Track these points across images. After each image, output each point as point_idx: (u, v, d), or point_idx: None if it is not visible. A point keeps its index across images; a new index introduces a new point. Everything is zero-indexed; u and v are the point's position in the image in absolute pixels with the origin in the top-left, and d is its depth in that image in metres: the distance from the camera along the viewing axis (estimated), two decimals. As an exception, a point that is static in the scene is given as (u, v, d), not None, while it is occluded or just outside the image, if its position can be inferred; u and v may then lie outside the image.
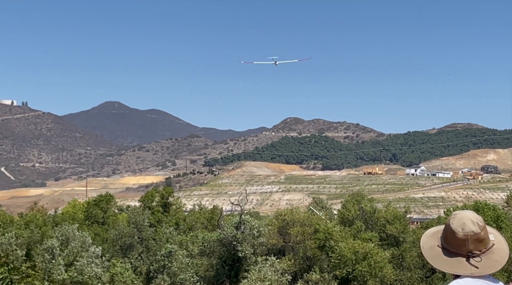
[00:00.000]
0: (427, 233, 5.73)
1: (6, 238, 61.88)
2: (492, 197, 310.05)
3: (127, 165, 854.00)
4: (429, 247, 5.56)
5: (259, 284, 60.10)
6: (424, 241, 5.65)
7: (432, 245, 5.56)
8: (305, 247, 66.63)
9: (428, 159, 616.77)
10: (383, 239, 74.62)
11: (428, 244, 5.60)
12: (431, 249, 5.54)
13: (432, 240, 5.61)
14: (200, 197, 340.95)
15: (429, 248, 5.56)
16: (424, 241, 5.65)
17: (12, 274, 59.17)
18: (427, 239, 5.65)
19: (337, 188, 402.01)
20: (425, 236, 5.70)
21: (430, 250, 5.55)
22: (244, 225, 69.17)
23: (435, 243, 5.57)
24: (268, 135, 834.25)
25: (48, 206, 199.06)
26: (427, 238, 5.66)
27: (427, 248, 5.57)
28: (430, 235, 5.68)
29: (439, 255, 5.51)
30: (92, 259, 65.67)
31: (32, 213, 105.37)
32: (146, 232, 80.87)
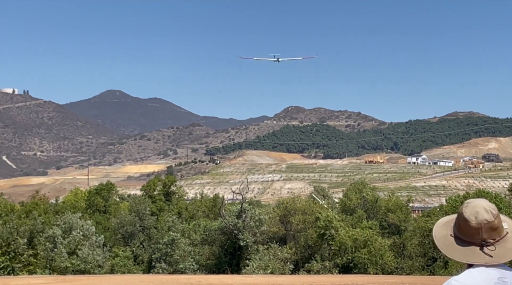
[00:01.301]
0: (439, 223, 5.61)
1: (8, 227, 62.00)
2: (494, 185, 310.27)
3: (128, 154, 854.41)
4: (442, 237, 5.45)
5: (261, 272, 60.22)
6: (436, 231, 5.53)
7: (445, 235, 5.45)
8: (306, 235, 66.73)
9: (430, 148, 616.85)
10: (384, 227, 74.78)
11: (441, 233, 5.48)
12: (443, 238, 5.43)
13: (444, 229, 5.49)
14: (201, 186, 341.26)
15: (442, 238, 5.44)
16: (437, 230, 5.53)
17: (13, 263, 59.31)
18: (439, 228, 5.54)
19: (339, 176, 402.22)
20: (437, 225, 5.58)
21: (443, 239, 5.43)
22: (245, 214, 69.27)
23: (447, 232, 5.46)
24: (270, 124, 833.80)
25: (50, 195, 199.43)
26: (439, 227, 5.55)
27: (440, 238, 5.46)
28: (443, 225, 5.56)
29: (452, 244, 5.38)
30: (94, 247, 65.84)
31: (34, 201, 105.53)
32: (147, 220, 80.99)
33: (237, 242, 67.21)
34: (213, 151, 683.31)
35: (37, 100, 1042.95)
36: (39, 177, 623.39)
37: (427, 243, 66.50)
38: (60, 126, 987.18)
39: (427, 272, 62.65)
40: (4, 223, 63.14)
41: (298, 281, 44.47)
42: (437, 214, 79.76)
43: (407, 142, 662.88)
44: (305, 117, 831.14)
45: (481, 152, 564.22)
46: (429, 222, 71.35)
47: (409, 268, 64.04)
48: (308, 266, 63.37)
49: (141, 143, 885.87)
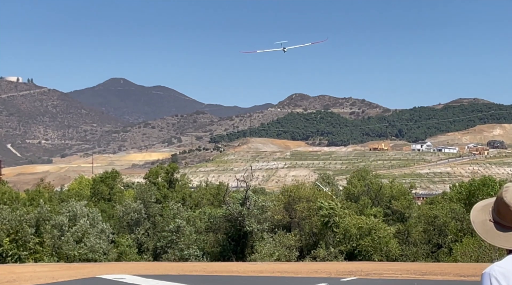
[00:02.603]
0: (476, 207, 5.45)
1: (16, 214, 62.28)
2: (498, 172, 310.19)
3: (133, 142, 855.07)
4: (480, 222, 5.30)
5: (267, 259, 60.48)
6: (474, 215, 5.37)
7: (483, 220, 5.30)
8: (311, 223, 66.94)
9: (434, 134, 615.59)
10: (388, 214, 74.97)
11: (479, 218, 5.33)
12: (482, 223, 5.28)
13: (482, 214, 5.35)
14: (206, 174, 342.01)
15: (481, 223, 5.29)
16: (474, 215, 5.37)
17: (20, 251, 59.65)
18: (477, 213, 5.39)
19: (343, 164, 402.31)
20: (474, 210, 5.43)
21: (481, 224, 5.28)
22: (249, 201, 69.47)
23: (486, 217, 5.30)
24: (274, 112, 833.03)
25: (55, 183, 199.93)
26: (477, 212, 5.40)
27: (478, 223, 5.31)
28: (480, 209, 5.41)
29: (492, 229, 5.20)
30: (100, 235, 66.14)
31: (39, 189, 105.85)
32: (153, 208, 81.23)
33: (242, 229, 67.42)
34: (217, 139, 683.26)
35: (41, 89, 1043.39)
36: (44, 165, 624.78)
37: (431, 230, 66.66)
38: (64, 115, 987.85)
39: (432, 259, 62.84)
40: (12, 211, 63.40)
41: (303, 269, 44.67)
42: (440, 200, 79.94)
43: (412, 129, 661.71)
44: (309, 105, 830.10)
45: (486, 138, 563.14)
46: (434, 209, 71.55)
47: (413, 255, 64.21)
48: (314, 253, 63.59)
49: (146, 130, 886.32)
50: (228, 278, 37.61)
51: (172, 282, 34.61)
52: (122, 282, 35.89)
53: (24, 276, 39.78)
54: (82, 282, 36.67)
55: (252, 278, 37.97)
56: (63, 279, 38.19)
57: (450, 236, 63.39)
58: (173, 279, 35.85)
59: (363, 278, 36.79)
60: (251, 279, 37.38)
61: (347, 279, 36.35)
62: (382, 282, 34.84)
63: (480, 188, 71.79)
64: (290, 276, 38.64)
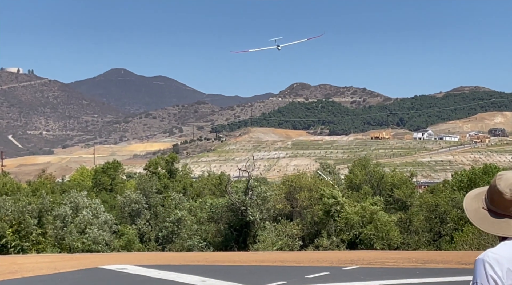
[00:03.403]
0: (469, 195, 5.52)
1: (18, 206, 62.40)
2: (500, 159, 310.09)
3: (134, 132, 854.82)
4: (474, 210, 5.38)
5: (269, 249, 60.58)
6: (467, 203, 5.45)
7: (476, 207, 5.38)
8: (313, 212, 67.02)
9: (435, 123, 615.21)
10: (389, 203, 75.00)
11: (472, 206, 5.41)
12: (475, 211, 5.36)
13: (475, 202, 5.43)
14: (207, 164, 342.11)
15: (474, 211, 5.37)
16: (467, 203, 5.45)
17: (22, 242, 59.79)
18: (470, 201, 5.46)
19: (344, 153, 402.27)
20: (467, 198, 5.50)
21: (475, 212, 5.36)
22: (252, 191, 69.53)
23: (479, 205, 5.38)
24: (275, 101, 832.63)
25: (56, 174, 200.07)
26: (470, 200, 5.47)
27: (472, 211, 5.38)
28: (473, 197, 5.49)
29: (485, 217, 5.28)
30: (103, 226, 66.30)
31: (40, 180, 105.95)
32: (154, 198, 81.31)
33: (244, 219, 67.51)
34: (218, 129, 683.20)
35: (42, 79, 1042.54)
36: (45, 156, 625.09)
37: (433, 218, 66.76)
38: (65, 105, 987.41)
39: (433, 247, 62.94)
40: (14, 202, 63.51)
41: (305, 258, 44.73)
42: (441, 189, 79.99)
43: (413, 118, 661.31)
44: (310, 94, 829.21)
45: (487, 126, 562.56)
46: (435, 197, 71.58)
47: (415, 243, 64.32)
48: (317, 242, 63.69)
49: (147, 121, 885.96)
50: (230, 268, 37.66)
51: (174, 272, 34.67)
52: (125, 272, 35.96)
53: (26, 267, 39.87)
54: (84, 273, 36.74)
55: (254, 267, 38.03)
56: (65, 269, 38.28)
57: (450, 224, 63.46)
58: (175, 269, 35.91)
59: (364, 267, 36.84)
60: (253, 268, 37.43)
61: (348, 267, 36.41)
62: (384, 270, 34.89)
63: (482, 176, 71.95)
64: (292, 265, 38.69)
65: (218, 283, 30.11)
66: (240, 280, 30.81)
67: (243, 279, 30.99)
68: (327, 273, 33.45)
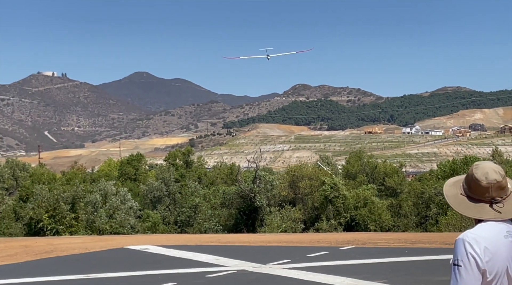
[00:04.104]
0: (448, 183, 5.57)
1: (53, 194, 62.67)
2: (479, 151, 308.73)
3: (155, 128, 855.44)
4: (453, 195, 5.43)
5: (274, 231, 60.61)
6: (446, 190, 5.50)
7: (455, 194, 5.42)
8: (313, 198, 67.00)
9: (422, 119, 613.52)
10: (382, 190, 74.97)
11: (451, 192, 5.46)
12: (454, 197, 5.41)
13: (454, 189, 5.47)
14: (220, 156, 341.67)
15: (453, 196, 5.42)
16: (447, 190, 5.50)
17: (57, 225, 60.00)
18: (449, 188, 5.51)
19: (341, 146, 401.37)
20: (446, 185, 5.55)
21: (454, 198, 5.41)
22: (259, 180, 69.62)
23: (458, 191, 5.43)
24: (279, 100, 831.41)
25: (86, 165, 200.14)
26: (448, 187, 5.52)
27: (451, 196, 5.44)
28: (452, 184, 5.53)
29: (463, 202, 5.35)
30: (129, 211, 66.53)
31: (73, 171, 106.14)
32: (172, 186, 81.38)
33: (252, 204, 67.59)
34: (229, 125, 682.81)
35: (74, 82, 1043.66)
36: (77, 149, 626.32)
37: (420, 204, 66.65)
38: (94, 105, 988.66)
39: (420, 229, 62.85)
40: (50, 190, 63.73)
41: (306, 239, 44.75)
42: (428, 177, 79.82)
43: (402, 114, 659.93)
44: (311, 94, 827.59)
45: (468, 122, 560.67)
46: (422, 185, 71.51)
47: (404, 226, 64.27)
48: (317, 225, 63.72)
49: (166, 118, 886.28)
50: (240, 248, 37.74)
51: (191, 251, 34.76)
52: (147, 251, 36.08)
53: (61, 247, 40.04)
54: (111, 252, 36.88)
55: (261, 247, 38.09)
56: (95, 249, 38.43)
57: (434, 209, 63.39)
58: (191, 249, 36.00)
59: (359, 246, 36.85)
60: (261, 248, 37.50)
61: (345, 247, 36.44)
62: (377, 250, 34.91)
63: (462, 166, 71.94)
64: (295, 245, 38.73)
65: (229, 261, 30.17)
66: (249, 258, 30.87)
67: (251, 258, 31.05)
68: (326, 252, 33.47)
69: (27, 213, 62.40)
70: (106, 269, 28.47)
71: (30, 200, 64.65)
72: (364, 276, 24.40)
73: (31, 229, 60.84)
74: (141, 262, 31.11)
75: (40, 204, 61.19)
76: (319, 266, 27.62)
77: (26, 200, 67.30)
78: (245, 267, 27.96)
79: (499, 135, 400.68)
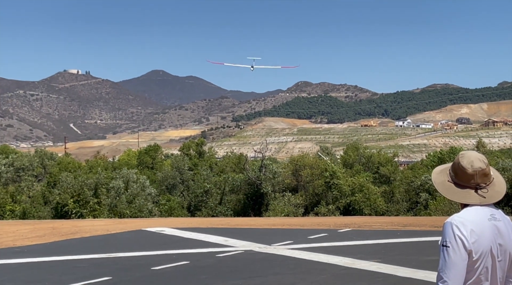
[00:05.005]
0: (436, 171, 5.60)
1: (78, 180, 62.86)
2: (465, 143, 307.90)
3: (170, 121, 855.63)
4: (441, 182, 5.45)
5: (279, 215, 60.66)
6: (435, 177, 5.53)
7: (443, 180, 5.45)
8: (314, 185, 66.96)
9: (413, 113, 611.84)
10: (376, 178, 74.83)
11: (439, 179, 5.49)
12: (442, 183, 5.43)
13: (441, 176, 5.50)
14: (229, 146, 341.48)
15: (441, 183, 5.44)
16: (435, 177, 5.53)
17: (81, 209, 60.18)
18: (436, 175, 5.54)
19: (340, 137, 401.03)
20: (434, 173, 5.57)
21: (442, 184, 5.43)
22: (265, 168, 69.62)
23: (445, 178, 5.46)
24: (283, 96, 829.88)
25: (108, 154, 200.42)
26: (436, 174, 5.55)
27: (439, 183, 5.46)
28: (439, 172, 5.56)
29: (450, 188, 5.39)
30: (147, 197, 66.70)
31: (96, 160, 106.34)
32: (186, 174, 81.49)
33: (258, 191, 67.64)
34: (238, 118, 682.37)
35: (96, 79, 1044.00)
36: (99, 140, 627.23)
37: (411, 190, 66.51)
38: (115, 100, 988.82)
39: (411, 213, 62.76)
40: (74, 178, 63.89)
41: (308, 222, 44.79)
42: (419, 166, 79.66)
43: (395, 109, 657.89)
44: (312, 90, 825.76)
45: (455, 116, 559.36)
46: (413, 173, 71.41)
47: (396, 210, 64.17)
48: (316, 210, 63.72)
49: (180, 112, 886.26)
50: (247, 230, 37.80)
51: (203, 233, 34.84)
52: (163, 233, 36.18)
53: (84, 229, 40.20)
54: (130, 233, 37.00)
55: (266, 229, 38.14)
56: (116, 231, 38.55)
57: (424, 194, 63.31)
58: (203, 231, 36.08)
59: (356, 229, 36.86)
60: (266, 230, 37.55)
61: (343, 230, 36.46)
62: (372, 232, 34.92)
63: (449, 155, 71.96)
64: (297, 228, 38.78)
65: (237, 242, 30.21)
66: (255, 239, 30.92)
67: (257, 239, 31.09)
68: (326, 234, 33.49)
69: (54, 198, 62.60)
70: (125, 249, 28.57)
71: (57, 186, 64.86)
72: (360, 255, 24.42)
73: (57, 212, 61.03)
74: (157, 243, 31.20)
75: (66, 189, 61.37)
76: (319, 247, 27.65)
77: (54, 186, 67.51)
78: (251, 248, 28.01)
79: (483, 128, 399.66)
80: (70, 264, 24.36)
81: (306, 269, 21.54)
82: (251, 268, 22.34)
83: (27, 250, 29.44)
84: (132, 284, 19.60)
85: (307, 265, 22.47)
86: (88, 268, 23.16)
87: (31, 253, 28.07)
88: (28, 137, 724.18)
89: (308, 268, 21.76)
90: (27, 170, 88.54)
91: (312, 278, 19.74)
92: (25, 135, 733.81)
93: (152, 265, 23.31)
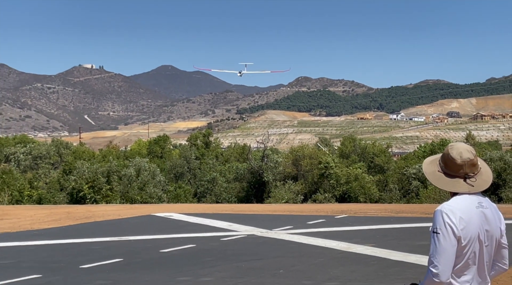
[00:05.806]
0: (426, 161, 5.58)
1: (92, 168, 62.96)
2: (455, 135, 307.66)
3: (178, 113, 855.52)
4: (431, 172, 5.46)
5: (279, 201, 60.71)
6: (426, 167, 5.53)
7: (433, 171, 5.45)
8: (313, 174, 66.99)
9: (407, 107, 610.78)
10: (371, 168, 74.82)
11: (430, 169, 5.49)
12: (433, 173, 5.44)
13: (431, 166, 5.49)
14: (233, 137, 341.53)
15: (431, 173, 5.45)
16: (426, 167, 5.53)
17: (95, 195, 60.30)
18: (427, 166, 5.53)
19: (337, 129, 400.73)
20: (425, 164, 5.55)
21: (432, 174, 5.44)
22: (267, 158, 69.64)
23: (435, 168, 5.45)
24: (285, 90, 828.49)
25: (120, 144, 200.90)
26: (427, 165, 5.54)
27: (430, 173, 5.47)
28: (429, 163, 5.54)
29: (440, 177, 5.38)
30: (157, 185, 66.76)
31: (108, 149, 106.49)
32: (193, 163, 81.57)
33: (261, 179, 67.68)
34: (242, 111, 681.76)
35: (109, 73, 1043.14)
36: (112, 131, 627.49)
37: (404, 180, 66.50)
38: (127, 93, 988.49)
39: (403, 201, 62.78)
40: (89, 166, 64.00)
41: (307, 208, 44.83)
42: (411, 157, 79.63)
43: (390, 103, 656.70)
44: (312, 85, 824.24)
45: (445, 110, 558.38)
46: (406, 163, 71.34)
47: (389, 198, 64.19)
48: (314, 197, 63.75)
49: (188, 105, 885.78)
50: (250, 216, 37.85)
51: (208, 218, 34.90)
52: (171, 218, 36.25)
53: (98, 213, 40.29)
54: (140, 218, 37.07)
55: (268, 215, 38.19)
56: (127, 216, 38.64)
57: (415, 183, 63.29)
58: (209, 217, 36.14)
59: (352, 215, 36.89)
60: (267, 216, 37.59)
61: (340, 216, 36.48)
62: (367, 218, 34.94)
63: (440, 147, 71.91)
64: (297, 214, 38.80)
65: (241, 227, 30.26)
66: (258, 224, 30.97)
67: (259, 224, 31.14)
68: (323, 220, 33.52)
69: (69, 184, 62.71)
70: (135, 233, 28.65)
71: (72, 173, 64.95)
72: (356, 240, 24.45)
73: (73, 198, 61.16)
74: (166, 227, 31.27)
75: (81, 176, 61.48)
76: (317, 232, 27.68)
77: (69, 173, 67.60)
78: (254, 232, 28.05)
79: (472, 121, 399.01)
80: (85, 246, 24.45)
81: (305, 253, 21.59)
82: (253, 251, 22.39)
83: (44, 233, 29.53)
84: (142, 265, 19.66)
85: (306, 249, 22.52)
86: (101, 250, 23.24)
87: (48, 235, 28.16)
88: (45, 128, 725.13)
89: (306, 252, 21.80)
90: (44, 158, 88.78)
91: (310, 261, 19.79)
92: (43, 126, 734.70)
93: (160, 247, 23.38)
